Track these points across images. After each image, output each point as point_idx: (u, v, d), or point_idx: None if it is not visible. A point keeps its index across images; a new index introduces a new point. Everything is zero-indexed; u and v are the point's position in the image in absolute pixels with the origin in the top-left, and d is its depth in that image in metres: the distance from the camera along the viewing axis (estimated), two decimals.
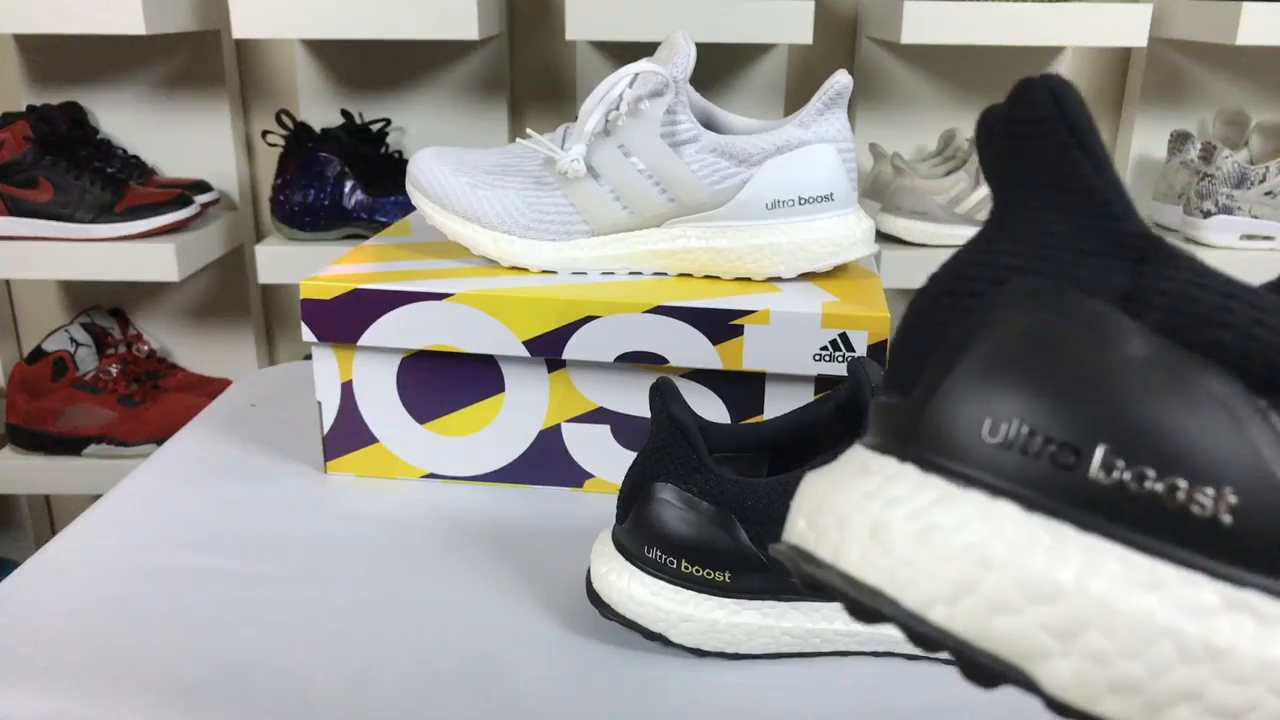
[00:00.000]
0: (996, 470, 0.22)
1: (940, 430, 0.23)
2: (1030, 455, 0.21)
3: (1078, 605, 0.20)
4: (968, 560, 0.21)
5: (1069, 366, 0.22)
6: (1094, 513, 0.21)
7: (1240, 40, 1.15)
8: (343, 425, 0.63)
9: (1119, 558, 0.20)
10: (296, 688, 0.44)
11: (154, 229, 1.25)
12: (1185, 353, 0.21)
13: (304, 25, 1.16)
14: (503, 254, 0.63)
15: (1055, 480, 0.21)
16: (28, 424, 1.36)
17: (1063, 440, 0.21)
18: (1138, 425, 0.21)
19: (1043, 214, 0.23)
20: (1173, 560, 0.20)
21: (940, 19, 1.16)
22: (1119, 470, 0.21)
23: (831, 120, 0.61)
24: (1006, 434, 0.22)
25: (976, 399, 0.22)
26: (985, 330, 0.23)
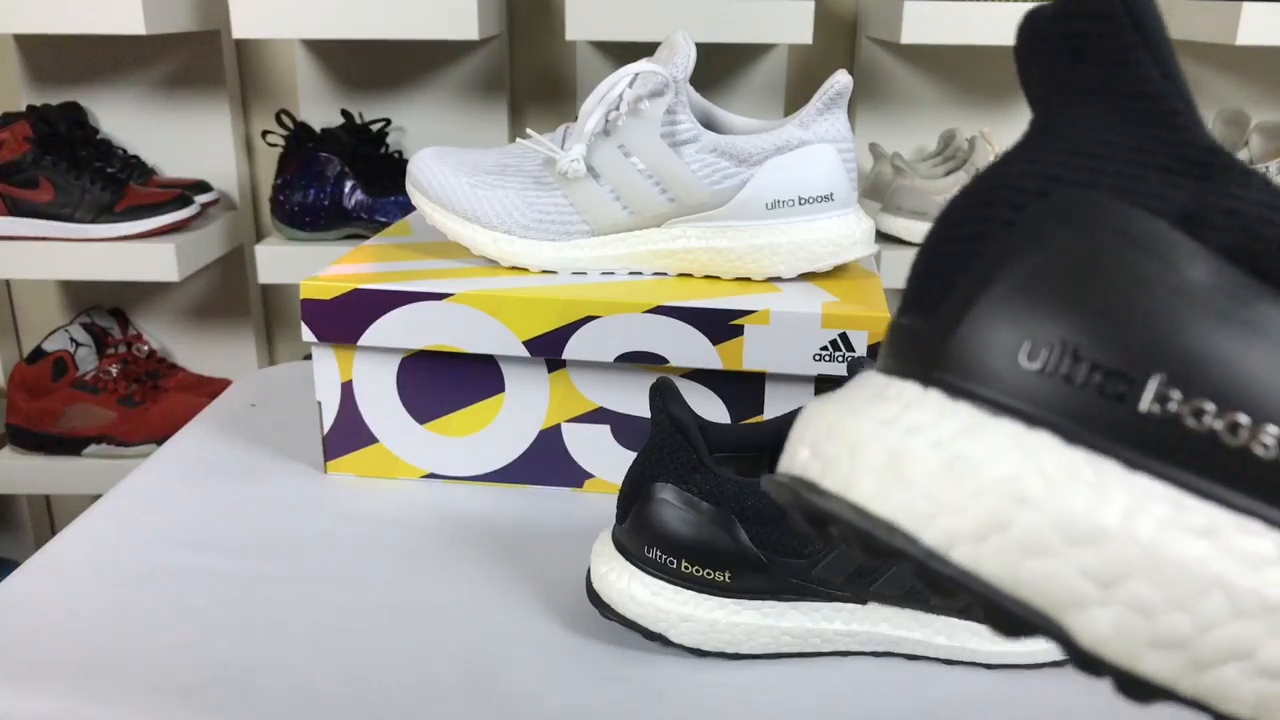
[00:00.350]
0: (1035, 398, 0.20)
1: (971, 353, 0.20)
2: (1075, 383, 0.19)
3: (1122, 550, 0.18)
4: (1000, 495, 0.19)
5: (1123, 289, 0.20)
6: (1144, 449, 0.19)
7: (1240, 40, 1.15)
8: (343, 425, 0.63)
9: (1170, 500, 0.18)
10: (296, 687, 0.44)
11: (154, 229, 1.25)
12: (1254, 279, 0.19)
13: (304, 25, 1.16)
14: (503, 254, 0.63)
15: (1102, 411, 0.19)
16: (28, 424, 1.36)
17: (1112, 368, 0.19)
18: (1197, 355, 0.19)
19: (1098, 121, 0.21)
20: (1229, 505, 0.18)
21: (940, 19, 1.16)
22: (1174, 403, 0.19)
23: (831, 120, 0.61)
24: (1048, 359, 0.20)
25: (1015, 321, 0.20)
26: (1027, 246, 0.21)
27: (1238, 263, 0.19)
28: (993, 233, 0.21)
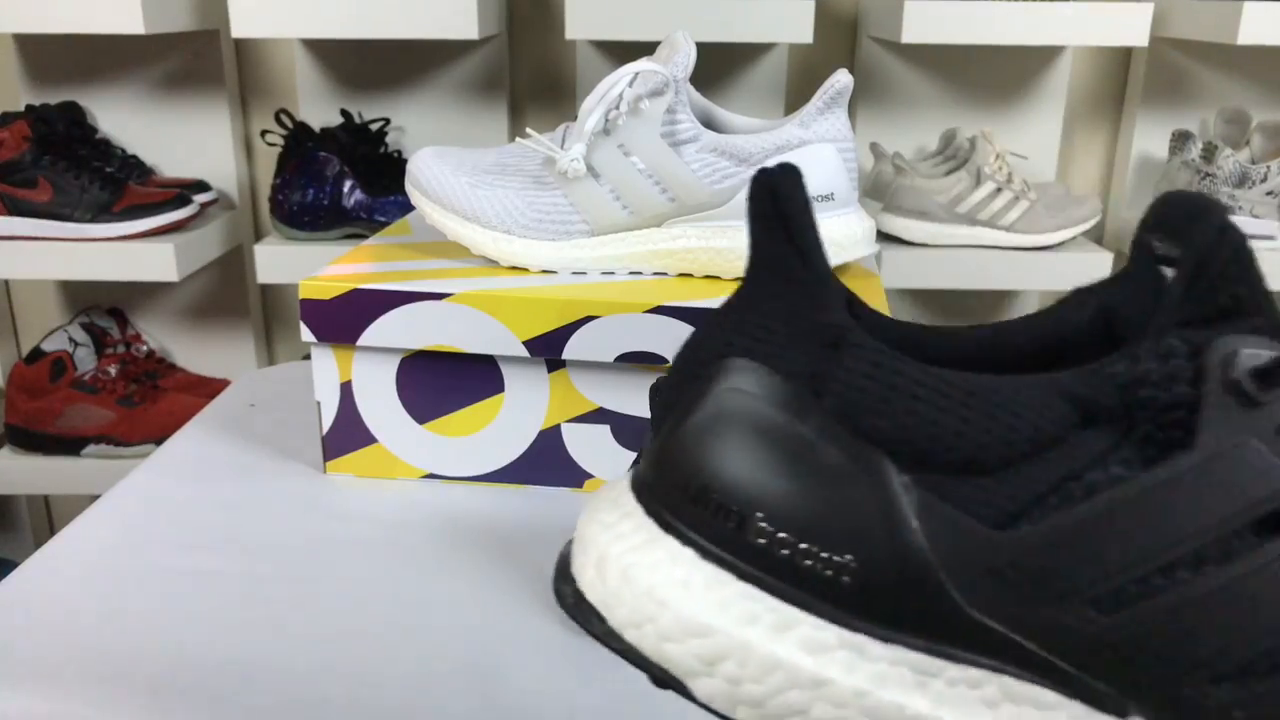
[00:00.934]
0: (688, 522, 0.26)
1: (658, 480, 0.26)
2: (709, 513, 0.25)
3: (721, 642, 0.25)
4: (651, 598, 0.25)
5: (748, 440, 0.25)
6: (752, 566, 0.25)
7: (1241, 40, 1.15)
8: (342, 425, 0.63)
9: (766, 604, 0.25)
10: (296, 687, 0.44)
11: (153, 229, 1.25)
12: (847, 435, 0.24)
13: (303, 25, 1.16)
14: (502, 254, 0.63)
15: (725, 537, 0.25)
16: (27, 424, 1.36)
17: (731, 507, 0.25)
18: (787, 499, 0.25)
19: (768, 297, 0.26)
20: (805, 608, 0.25)
21: (941, 18, 1.16)
22: (768, 536, 0.25)
23: (832, 120, 0.61)
24: (696, 493, 0.26)
25: (683, 459, 0.26)
26: (698, 399, 0.26)
27: (843, 420, 0.25)
28: (688, 384, 0.27)
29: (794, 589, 0.25)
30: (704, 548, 0.25)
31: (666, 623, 0.25)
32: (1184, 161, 1.31)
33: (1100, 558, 0.23)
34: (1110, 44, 1.19)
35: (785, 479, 0.24)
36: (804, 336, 0.25)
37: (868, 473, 0.24)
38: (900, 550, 0.23)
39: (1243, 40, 1.15)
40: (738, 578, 0.25)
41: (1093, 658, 0.23)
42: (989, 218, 1.25)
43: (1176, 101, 1.40)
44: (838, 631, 0.24)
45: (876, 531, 0.24)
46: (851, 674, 0.24)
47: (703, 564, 0.25)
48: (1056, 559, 0.23)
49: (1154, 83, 1.39)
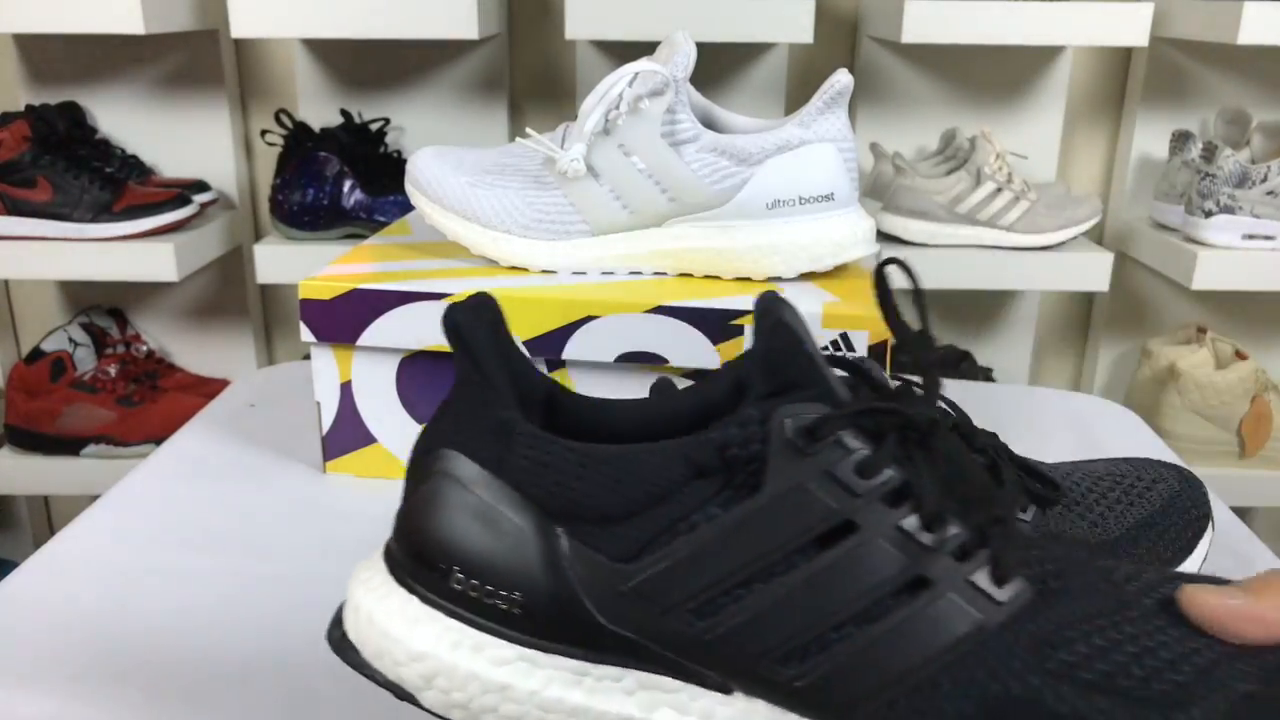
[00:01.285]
0: (413, 576, 0.34)
1: (395, 545, 0.35)
2: (425, 568, 0.34)
3: (434, 664, 0.33)
4: (386, 636, 0.33)
5: (449, 511, 0.33)
6: (455, 605, 0.33)
7: (1242, 39, 1.15)
8: (342, 425, 0.63)
9: (465, 634, 0.33)
10: (296, 687, 0.44)
11: (152, 229, 1.25)
12: (520, 501, 0.32)
13: (303, 24, 1.16)
14: (502, 254, 0.62)
15: (435, 586, 0.33)
16: (26, 424, 1.36)
17: (439, 563, 0.33)
18: (474, 554, 0.33)
19: (467, 403, 0.34)
20: (491, 633, 0.33)
21: (941, 18, 1.16)
22: (463, 583, 0.33)
23: (832, 119, 0.61)
24: (417, 553, 0.34)
25: (408, 527, 0.34)
26: (420, 483, 0.34)
27: (517, 490, 0.33)
28: (413, 473, 0.35)
29: (483, 620, 0.33)
30: (423, 595, 0.34)
31: (398, 652, 0.33)
32: (1184, 161, 1.31)
33: (696, 578, 0.31)
34: (1110, 44, 1.19)
35: (473, 538, 0.33)
36: (488, 431, 0.33)
37: (532, 528, 0.32)
38: (555, 583, 0.32)
39: (1243, 40, 1.15)
40: (446, 615, 0.33)
41: (697, 652, 0.32)
42: (989, 218, 1.25)
43: (1177, 101, 1.40)
44: (515, 648, 0.33)
45: (537, 571, 0.32)
46: (527, 679, 0.33)
47: (422, 607, 0.34)
48: (666, 581, 0.31)
49: (1154, 83, 1.39)
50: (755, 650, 0.31)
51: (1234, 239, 1.24)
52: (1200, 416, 1.35)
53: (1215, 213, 1.24)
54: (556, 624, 0.32)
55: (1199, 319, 1.46)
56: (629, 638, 0.32)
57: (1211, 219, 1.24)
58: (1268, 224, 1.24)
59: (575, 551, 0.32)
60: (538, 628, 0.33)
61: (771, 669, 0.31)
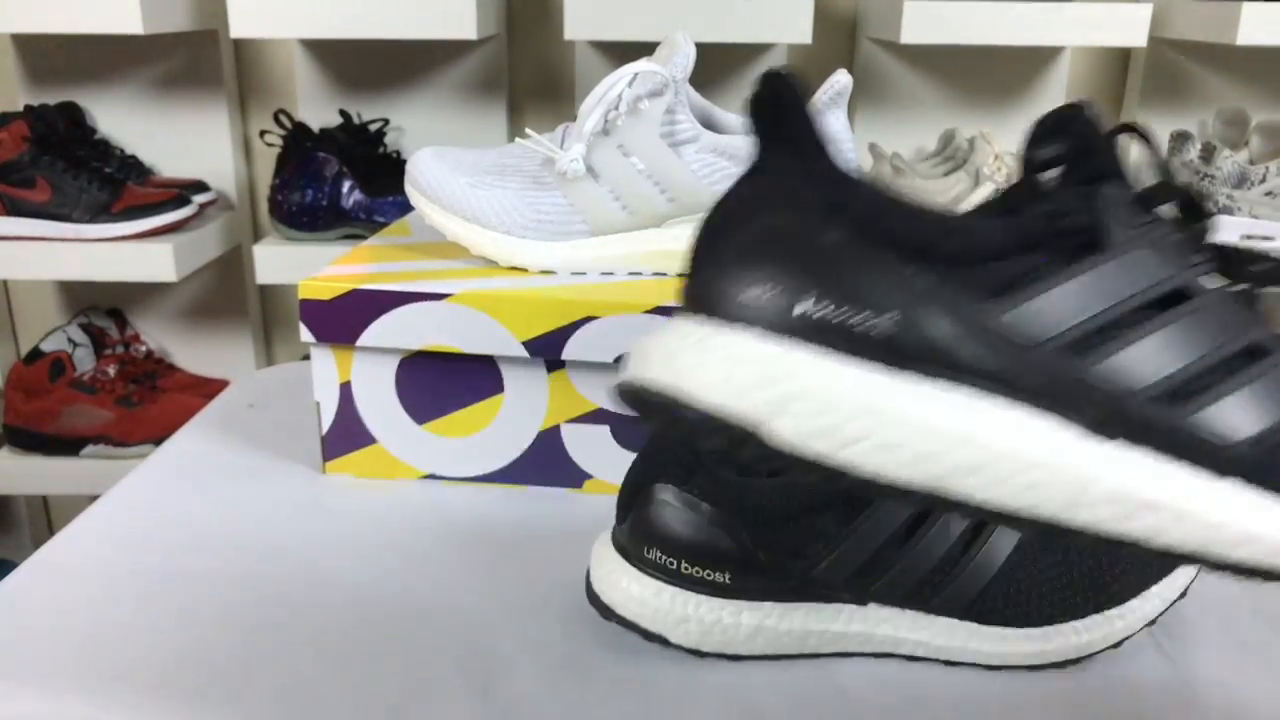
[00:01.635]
0: (747, 315, 0.32)
1: (714, 294, 0.33)
2: (764, 303, 0.32)
3: (791, 386, 0.31)
4: (727, 360, 0.31)
5: (792, 247, 0.32)
6: (806, 335, 0.32)
7: (1240, 40, 1.15)
8: (341, 426, 0.63)
9: (816, 360, 0.31)
10: (295, 688, 0.44)
11: (152, 229, 1.25)
12: (864, 238, 0.32)
13: (302, 25, 1.16)
14: (502, 254, 0.62)
15: (783, 318, 0.32)
16: (25, 424, 1.36)
17: (784, 288, 0.32)
18: (834, 278, 0.32)
19: (785, 160, 0.34)
20: (854, 358, 0.32)
21: (940, 19, 1.16)
22: (823, 307, 0.32)
23: (831, 120, 0.61)
24: (754, 292, 0.32)
25: (739, 271, 0.33)
26: (737, 232, 0.33)
27: (857, 232, 0.32)
28: (722, 225, 0.34)
29: (847, 347, 0.31)
30: (764, 328, 0.32)
31: (741, 378, 0.31)
32: (1183, 162, 1.31)
33: (1057, 314, 0.32)
34: (1109, 44, 1.19)
35: (828, 266, 0.32)
36: (822, 186, 0.34)
37: (878, 259, 0.32)
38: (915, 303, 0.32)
39: (1241, 41, 1.15)
40: (795, 345, 0.31)
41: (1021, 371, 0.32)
42: None
43: (1175, 102, 1.40)
44: (886, 369, 0.31)
45: (903, 298, 0.32)
46: (905, 399, 0.31)
47: (766, 337, 0.32)
48: (1030, 316, 0.32)
49: (1153, 83, 1.39)
50: (1132, 390, 0.32)
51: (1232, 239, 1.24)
52: None
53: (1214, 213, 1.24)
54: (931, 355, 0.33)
55: None
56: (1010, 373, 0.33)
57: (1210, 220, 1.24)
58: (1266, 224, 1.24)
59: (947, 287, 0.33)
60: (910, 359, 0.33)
61: (1150, 410, 0.32)
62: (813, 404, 0.31)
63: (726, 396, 0.31)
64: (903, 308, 0.31)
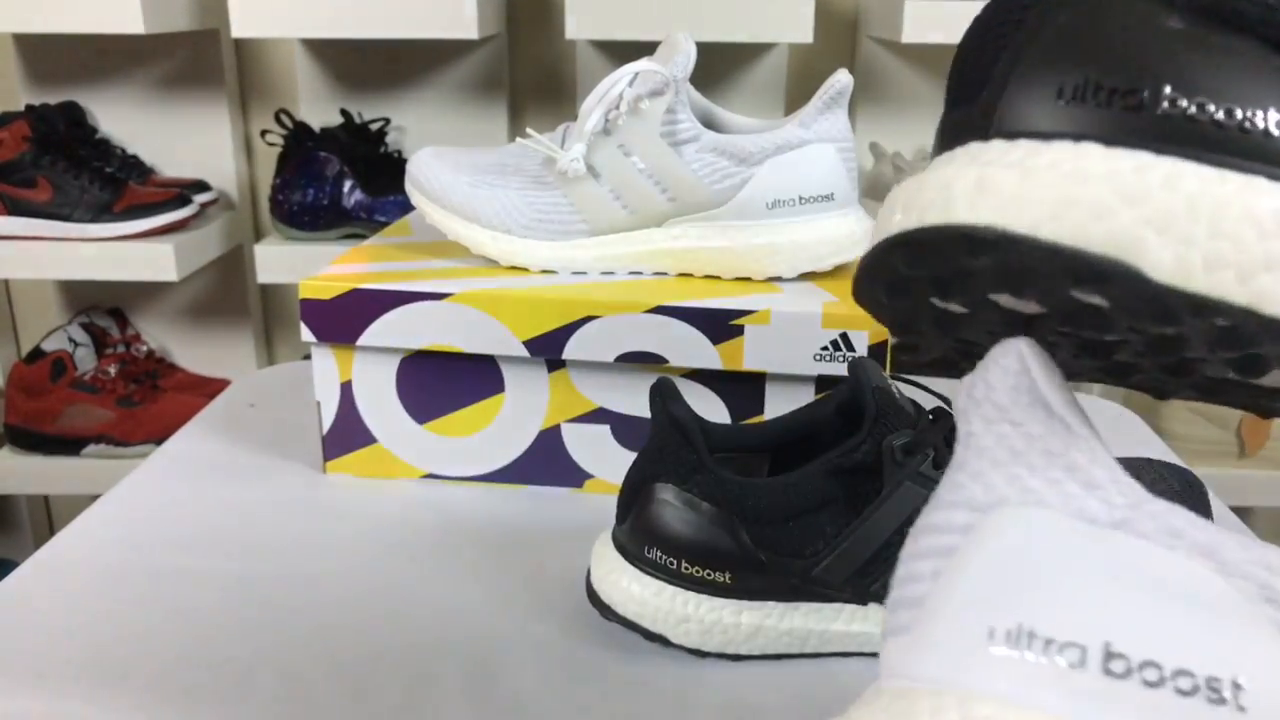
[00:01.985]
0: (1074, 122, 0.26)
1: (1019, 106, 0.27)
2: (1101, 104, 0.26)
3: (1167, 201, 0.24)
4: (1067, 182, 0.25)
5: (1126, 35, 0.26)
6: (1164, 140, 0.25)
7: None
8: (342, 425, 0.63)
9: (1192, 169, 0.25)
10: (296, 688, 0.44)
11: (153, 229, 1.25)
12: (1213, 22, 0.26)
13: (303, 25, 1.16)
14: (502, 253, 0.63)
15: (1127, 120, 0.26)
16: (26, 424, 1.36)
17: (1129, 88, 0.26)
18: (1191, 71, 0.26)
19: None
20: (1235, 168, 0.25)
21: (941, 18, 1.16)
22: (1182, 104, 0.25)
23: (832, 119, 0.61)
24: (1079, 92, 0.26)
25: (1050, 72, 0.26)
26: (1045, 23, 0.27)
27: (1199, 16, 0.26)
28: (1010, 30, 0.28)
29: (1216, 151, 0.25)
30: (1104, 137, 0.26)
31: (1093, 198, 0.25)
32: None
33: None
34: None
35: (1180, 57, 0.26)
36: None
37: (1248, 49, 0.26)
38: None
39: None
40: (1155, 154, 0.25)
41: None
42: None
43: None
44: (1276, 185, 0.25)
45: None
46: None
47: (1111, 150, 0.26)
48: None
49: None
50: None
51: None
52: (1200, 416, 1.35)
53: None
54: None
55: None
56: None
57: None
58: None
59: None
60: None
61: None
62: (1200, 225, 0.24)
63: (1077, 227, 0.25)
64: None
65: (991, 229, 0.25)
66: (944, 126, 0.29)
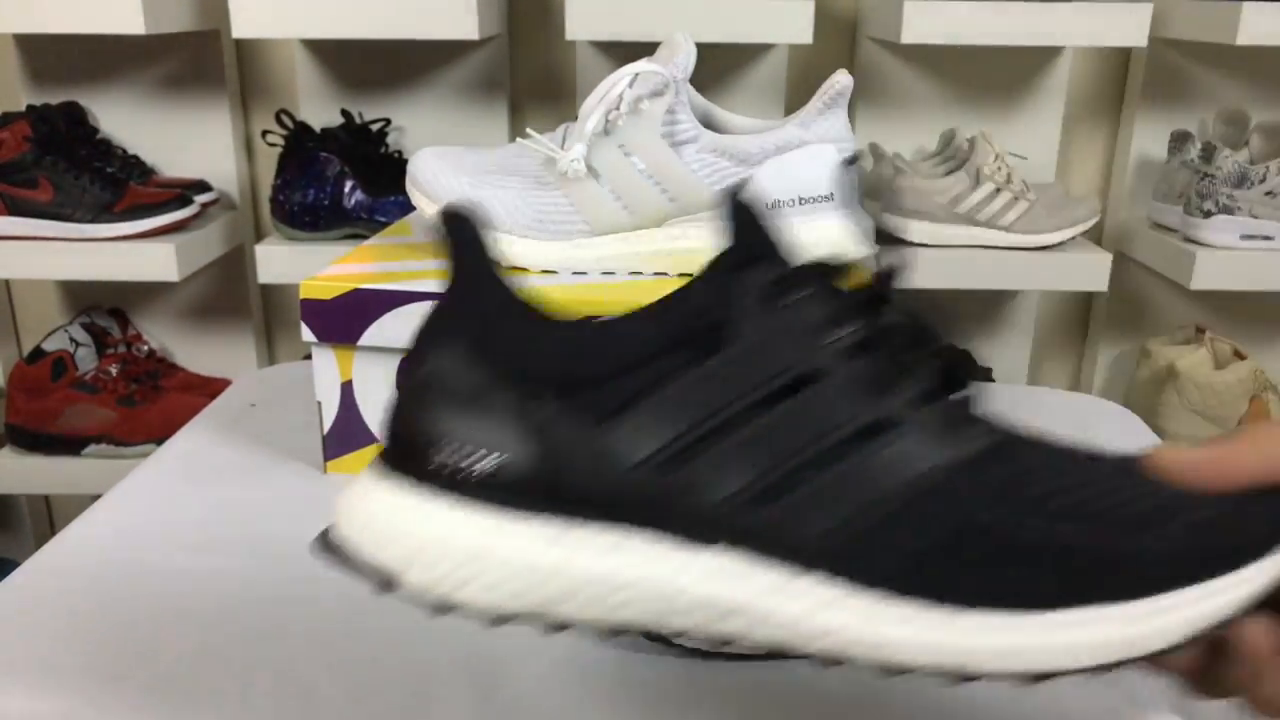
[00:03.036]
0: (398, 465, 0.34)
1: (387, 446, 0.35)
2: (414, 454, 0.33)
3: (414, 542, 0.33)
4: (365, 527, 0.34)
5: (436, 396, 0.33)
6: (437, 482, 0.33)
7: (1240, 40, 1.15)
8: (342, 425, 0.63)
9: (444, 507, 0.33)
10: (296, 688, 0.44)
11: (154, 229, 1.25)
12: (498, 374, 0.33)
13: (304, 25, 1.16)
14: (502, 254, 0.63)
15: (421, 469, 0.33)
16: (27, 424, 1.36)
17: (425, 447, 0.33)
18: (459, 428, 0.32)
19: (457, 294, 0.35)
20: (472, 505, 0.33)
21: (940, 19, 1.16)
22: (449, 458, 0.32)
23: (832, 120, 0.61)
24: (405, 443, 0.34)
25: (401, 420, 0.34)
26: (408, 377, 0.34)
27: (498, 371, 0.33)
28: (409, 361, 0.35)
29: (463, 493, 0.33)
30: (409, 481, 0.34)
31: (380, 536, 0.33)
32: (1183, 162, 1.31)
33: (664, 433, 0.32)
34: (1109, 44, 1.19)
35: (461, 416, 0.33)
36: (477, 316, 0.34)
37: (518, 399, 0.32)
38: (538, 448, 0.32)
39: (1242, 40, 1.15)
40: (429, 495, 0.33)
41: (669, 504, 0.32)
42: (988, 218, 1.25)
43: (1175, 102, 1.40)
44: (494, 517, 0.33)
45: (520, 439, 0.32)
46: (506, 543, 0.33)
47: (407, 494, 0.34)
48: (639, 438, 0.32)
49: (1153, 83, 1.39)
50: (721, 497, 0.32)
51: (1232, 239, 1.24)
52: (1199, 416, 1.35)
53: (1214, 213, 1.24)
54: (536, 488, 0.32)
55: (1198, 319, 1.46)
56: (607, 496, 0.32)
57: (1210, 219, 1.24)
58: (1266, 224, 1.24)
59: (559, 416, 0.32)
60: (517, 494, 0.32)
61: (738, 516, 0.32)
62: (430, 555, 0.32)
63: (368, 554, 0.33)
64: (514, 446, 0.32)
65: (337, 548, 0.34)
66: None
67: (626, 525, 0.32)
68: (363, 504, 0.33)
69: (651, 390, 0.32)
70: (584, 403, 0.32)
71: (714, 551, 0.32)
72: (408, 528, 0.32)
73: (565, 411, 0.32)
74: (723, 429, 0.32)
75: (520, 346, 0.33)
